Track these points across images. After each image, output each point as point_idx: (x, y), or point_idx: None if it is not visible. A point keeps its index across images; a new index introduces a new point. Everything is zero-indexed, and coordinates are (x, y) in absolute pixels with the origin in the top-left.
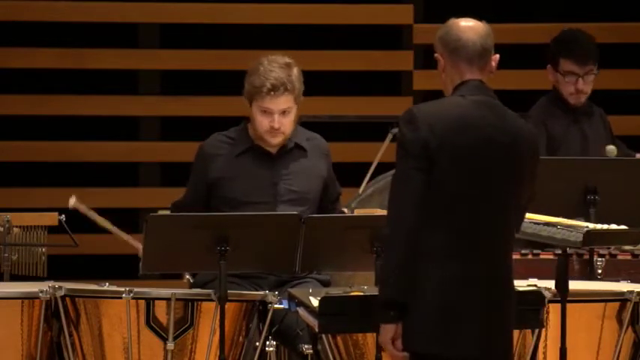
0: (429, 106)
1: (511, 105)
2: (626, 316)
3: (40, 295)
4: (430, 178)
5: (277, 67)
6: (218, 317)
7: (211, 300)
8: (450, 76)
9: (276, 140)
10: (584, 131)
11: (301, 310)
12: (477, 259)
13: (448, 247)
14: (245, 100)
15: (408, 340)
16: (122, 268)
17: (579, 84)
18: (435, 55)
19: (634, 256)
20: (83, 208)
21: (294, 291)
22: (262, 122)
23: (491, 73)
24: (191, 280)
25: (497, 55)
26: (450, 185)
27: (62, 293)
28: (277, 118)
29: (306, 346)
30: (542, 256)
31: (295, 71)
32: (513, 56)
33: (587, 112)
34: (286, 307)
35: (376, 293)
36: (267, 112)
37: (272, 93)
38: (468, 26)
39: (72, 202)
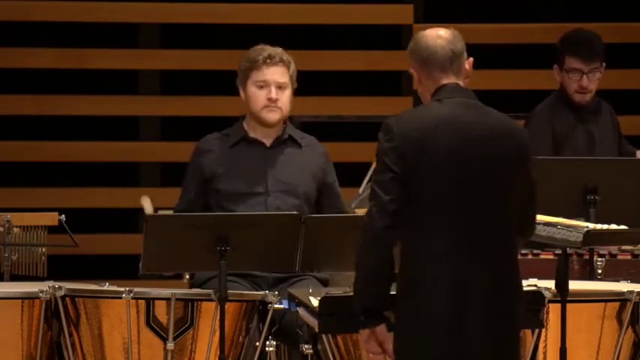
0: (406, 116)
1: (511, 105)
2: (626, 316)
3: (40, 295)
4: (411, 186)
5: (271, 47)
6: (218, 317)
7: (211, 300)
8: (427, 86)
9: (274, 116)
10: (591, 130)
11: (301, 310)
12: (470, 264)
13: (439, 252)
14: (240, 85)
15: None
16: (122, 268)
17: (584, 81)
18: (409, 70)
19: (634, 256)
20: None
21: (294, 291)
22: (259, 97)
23: (468, 77)
24: (191, 280)
25: (471, 59)
26: (434, 189)
27: (62, 293)
28: (274, 89)
29: (306, 346)
30: (542, 256)
31: (288, 56)
32: (514, 56)
33: (594, 111)
34: (286, 307)
35: None
36: (263, 85)
37: (268, 61)
38: (436, 34)
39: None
